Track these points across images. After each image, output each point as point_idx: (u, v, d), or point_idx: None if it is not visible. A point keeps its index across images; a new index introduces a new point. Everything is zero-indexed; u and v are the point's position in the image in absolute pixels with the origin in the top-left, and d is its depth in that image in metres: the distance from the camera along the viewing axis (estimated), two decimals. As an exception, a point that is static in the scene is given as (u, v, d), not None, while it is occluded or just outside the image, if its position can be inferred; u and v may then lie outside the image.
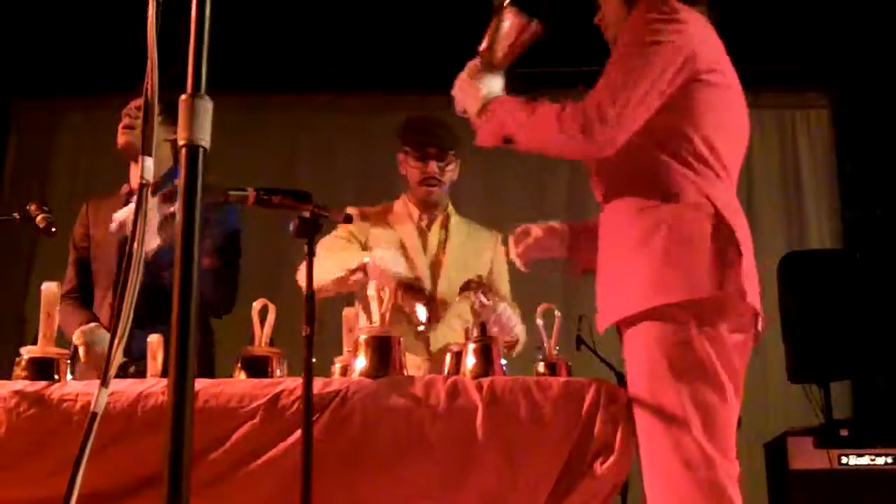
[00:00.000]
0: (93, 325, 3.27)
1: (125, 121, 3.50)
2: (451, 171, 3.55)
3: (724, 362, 2.29)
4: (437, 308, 3.34)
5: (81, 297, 3.53)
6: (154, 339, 2.66)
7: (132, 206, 2.78)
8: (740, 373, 2.41)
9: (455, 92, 2.62)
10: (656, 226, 2.33)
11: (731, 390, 2.31)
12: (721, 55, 2.50)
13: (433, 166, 3.47)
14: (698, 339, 2.27)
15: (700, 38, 2.41)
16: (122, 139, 3.48)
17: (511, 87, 2.59)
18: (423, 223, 3.55)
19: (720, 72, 2.45)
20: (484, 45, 2.60)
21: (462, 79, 2.61)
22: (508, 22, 2.56)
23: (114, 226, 3.12)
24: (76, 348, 3.24)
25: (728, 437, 2.32)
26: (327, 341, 2.85)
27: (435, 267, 3.45)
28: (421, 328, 2.55)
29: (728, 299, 2.30)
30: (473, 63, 2.61)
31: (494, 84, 2.58)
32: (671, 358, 2.27)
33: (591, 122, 2.30)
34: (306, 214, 2.43)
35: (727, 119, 2.47)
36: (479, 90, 2.56)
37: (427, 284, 3.40)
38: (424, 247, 3.50)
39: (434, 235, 3.53)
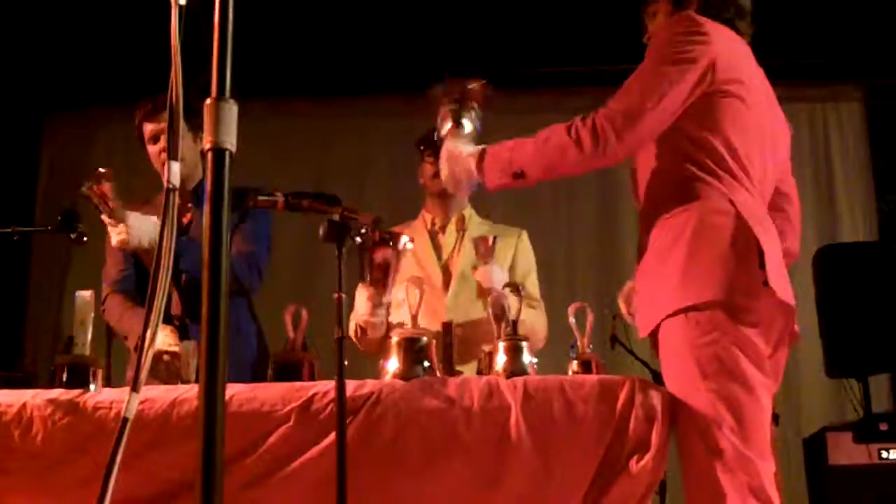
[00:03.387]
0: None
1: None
2: None
3: (754, 362, 2.32)
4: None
5: (138, 289, 3.46)
6: (187, 346, 2.68)
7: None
8: (775, 371, 2.43)
9: (444, 167, 2.70)
10: (681, 231, 2.39)
11: (761, 389, 2.33)
12: (745, 66, 2.55)
13: None
14: (724, 339, 2.30)
15: (723, 50, 2.46)
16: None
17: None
18: (436, 227, 3.53)
19: (743, 83, 2.49)
20: (448, 127, 2.73)
21: (447, 151, 2.69)
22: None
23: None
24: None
25: (762, 435, 2.33)
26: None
27: (446, 269, 3.42)
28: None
29: (754, 300, 2.32)
30: (448, 141, 2.72)
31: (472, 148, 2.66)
32: (699, 359, 2.30)
33: (604, 134, 2.37)
34: (336, 218, 2.43)
35: (749, 127, 2.49)
36: (467, 150, 2.63)
37: (438, 286, 3.36)
38: (437, 251, 3.47)
39: (449, 237, 3.49)
